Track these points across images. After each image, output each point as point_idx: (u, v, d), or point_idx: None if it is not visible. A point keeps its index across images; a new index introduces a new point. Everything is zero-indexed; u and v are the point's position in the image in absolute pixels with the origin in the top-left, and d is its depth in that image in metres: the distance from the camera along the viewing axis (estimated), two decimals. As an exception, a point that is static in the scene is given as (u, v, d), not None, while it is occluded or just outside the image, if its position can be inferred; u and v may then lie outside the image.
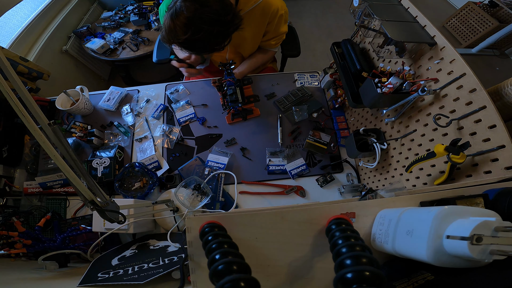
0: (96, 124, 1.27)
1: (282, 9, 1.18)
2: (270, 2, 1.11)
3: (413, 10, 0.83)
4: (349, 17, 1.23)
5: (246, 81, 1.28)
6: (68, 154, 0.52)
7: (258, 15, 1.13)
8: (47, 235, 1.02)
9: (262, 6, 1.10)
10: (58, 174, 1.08)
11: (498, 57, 2.78)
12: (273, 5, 1.12)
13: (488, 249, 0.29)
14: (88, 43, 1.97)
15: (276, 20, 1.18)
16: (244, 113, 1.26)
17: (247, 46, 1.29)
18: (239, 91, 1.15)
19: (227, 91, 1.15)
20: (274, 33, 1.25)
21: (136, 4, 2.18)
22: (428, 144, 0.74)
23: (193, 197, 1.00)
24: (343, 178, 1.16)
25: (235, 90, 1.14)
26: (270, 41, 1.30)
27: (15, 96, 0.44)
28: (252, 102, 1.32)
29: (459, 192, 0.46)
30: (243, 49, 1.31)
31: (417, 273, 0.41)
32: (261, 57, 1.38)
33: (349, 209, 0.48)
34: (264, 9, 1.11)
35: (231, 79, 1.15)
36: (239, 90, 1.15)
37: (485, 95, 0.57)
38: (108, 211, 0.57)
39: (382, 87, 0.77)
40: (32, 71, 1.45)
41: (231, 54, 1.35)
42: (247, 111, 1.28)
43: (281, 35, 1.30)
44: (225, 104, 1.20)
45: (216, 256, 0.36)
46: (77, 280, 0.74)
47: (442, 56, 0.69)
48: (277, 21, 1.19)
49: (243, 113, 1.26)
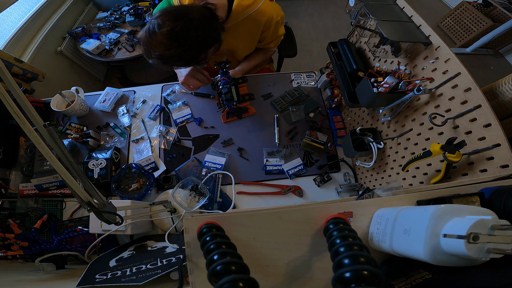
0: (92, 125, 1.26)
1: (278, 16, 1.17)
2: (263, 11, 1.09)
3: (408, 10, 0.83)
4: (345, 17, 1.23)
5: (241, 80, 1.28)
6: (64, 156, 0.52)
7: (250, 24, 1.11)
8: (43, 237, 1.01)
9: (255, 16, 1.08)
10: (54, 176, 1.07)
11: (492, 56, 2.80)
12: (266, 14, 1.10)
13: (485, 247, 0.29)
14: (83, 44, 1.95)
15: (272, 28, 1.17)
16: (239, 111, 1.26)
17: (240, 53, 1.30)
18: (234, 90, 1.15)
19: (222, 89, 1.15)
20: (272, 38, 1.26)
21: (132, 5, 2.17)
22: (424, 143, 0.74)
23: (191, 198, 1.00)
24: (340, 178, 1.17)
25: (230, 88, 1.14)
26: (269, 44, 1.30)
27: (10, 98, 0.43)
28: (247, 100, 1.32)
29: (455, 190, 0.47)
30: (238, 54, 1.31)
31: (415, 271, 0.41)
32: (261, 56, 1.39)
33: (347, 209, 0.48)
34: (257, 19, 1.10)
35: (226, 78, 1.15)
36: (234, 88, 1.15)
37: (480, 94, 0.57)
38: (105, 213, 0.57)
39: (378, 87, 0.77)
40: (27, 72, 1.44)
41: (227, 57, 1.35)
42: (242, 110, 1.28)
43: (279, 37, 1.31)
44: (220, 103, 1.20)
45: (214, 256, 0.36)
46: (75, 281, 0.73)
47: (437, 55, 0.70)
48: (274, 28, 1.19)
49: (238, 112, 1.26)
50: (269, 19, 1.12)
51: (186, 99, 1.33)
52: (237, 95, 1.16)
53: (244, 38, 1.18)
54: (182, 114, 1.28)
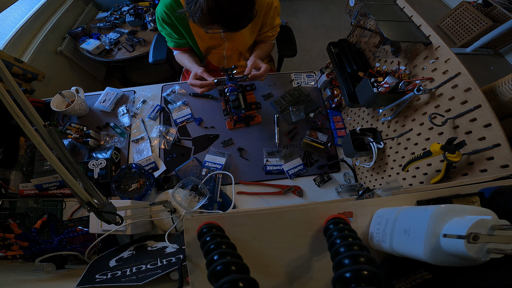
0: (92, 125, 1.26)
1: (276, 1, 1.20)
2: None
3: (408, 10, 0.83)
4: (345, 17, 1.24)
5: (249, 87, 1.26)
6: (64, 156, 0.52)
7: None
8: (43, 237, 1.01)
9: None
10: (54, 176, 1.08)
11: (492, 56, 2.81)
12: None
13: (485, 247, 0.29)
14: (83, 44, 1.96)
15: (272, 12, 1.20)
16: (247, 119, 1.25)
17: (244, 39, 1.29)
18: (241, 97, 1.12)
19: (230, 97, 1.11)
20: (270, 26, 1.28)
21: (132, 5, 2.17)
22: (424, 143, 0.74)
23: (191, 198, 1.00)
24: (340, 178, 1.17)
25: (238, 96, 1.11)
26: (267, 34, 1.32)
27: (10, 98, 0.43)
28: (254, 109, 1.31)
29: (455, 190, 0.47)
30: (242, 43, 1.31)
31: (415, 271, 0.41)
32: (266, 46, 1.39)
33: (347, 209, 0.48)
34: (260, 1, 1.11)
35: (233, 85, 1.13)
36: (241, 96, 1.13)
37: (480, 94, 0.57)
38: (105, 213, 0.57)
39: (378, 87, 0.77)
40: (27, 72, 1.44)
41: (228, 51, 1.35)
42: (250, 117, 1.26)
43: (276, 27, 1.33)
44: (228, 110, 1.19)
45: (215, 256, 0.36)
46: (75, 281, 0.73)
47: (437, 55, 0.70)
48: (272, 13, 1.21)
49: (246, 120, 1.25)
50: (269, 3, 1.16)
51: (186, 99, 1.33)
52: (245, 102, 1.14)
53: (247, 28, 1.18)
54: (182, 114, 1.28)
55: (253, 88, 1.29)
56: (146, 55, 1.74)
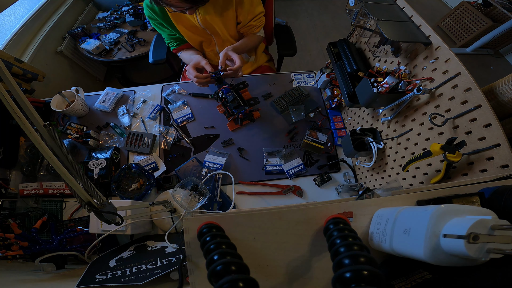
0: (92, 125, 1.26)
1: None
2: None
3: (408, 10, 0.84)
4: (345, 17, 1.24)
5: (242, 85, 1.26)
6: (64, 156, 0.52)
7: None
8: (43, 237, 1.01)
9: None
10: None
11: (492, 56, 2.81)
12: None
13: (485, 247, 0.29)
14: (83, 44, 1.96)
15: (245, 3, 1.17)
16: (250, 115, 1.25)
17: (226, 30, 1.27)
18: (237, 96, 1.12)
19: (227, 98, 1.11)
20: (248, 16, 1.24)
21: (132, 5, 2.17)
22: (424, 143, 0.74)
23: (191, 198, 1.00)
24: (340, 178, 1.17)
25: (234, 95, 1.12)
26: (250, 23, 1.28)
27: (10, 98, 0.43)
28: (253, 104, 1.31)
29: (455, 190, 0.47)
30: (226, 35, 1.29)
31: (415, 272, 0.41)
32: (248, 38, 1.34)
33: (347, 209, 0.48)
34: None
35: (227, 85, 1.13)
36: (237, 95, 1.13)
37: (480, 94, 0.57)
38: (105, 213, 0.57)
39: (378, 87, 0.77)
40: (27, 72, 1.44)
41: (220, 47, 1.35)
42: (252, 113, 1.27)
43: (260, 16, 1.29)
44: (229, 112, 1.19)
45: (215, 256, 0.36)
46: (75, 281, 0.73)
47: (437, 55, 0.70)
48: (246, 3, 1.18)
49: (250, 116, 1.24)
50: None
51: (186, 99, 1.33)
52: (242, 99, 1.14)
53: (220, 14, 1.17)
54: (182, 113, 1.28)
55: (245, 85, 1.28)
56: (146, 55, 1.74)
